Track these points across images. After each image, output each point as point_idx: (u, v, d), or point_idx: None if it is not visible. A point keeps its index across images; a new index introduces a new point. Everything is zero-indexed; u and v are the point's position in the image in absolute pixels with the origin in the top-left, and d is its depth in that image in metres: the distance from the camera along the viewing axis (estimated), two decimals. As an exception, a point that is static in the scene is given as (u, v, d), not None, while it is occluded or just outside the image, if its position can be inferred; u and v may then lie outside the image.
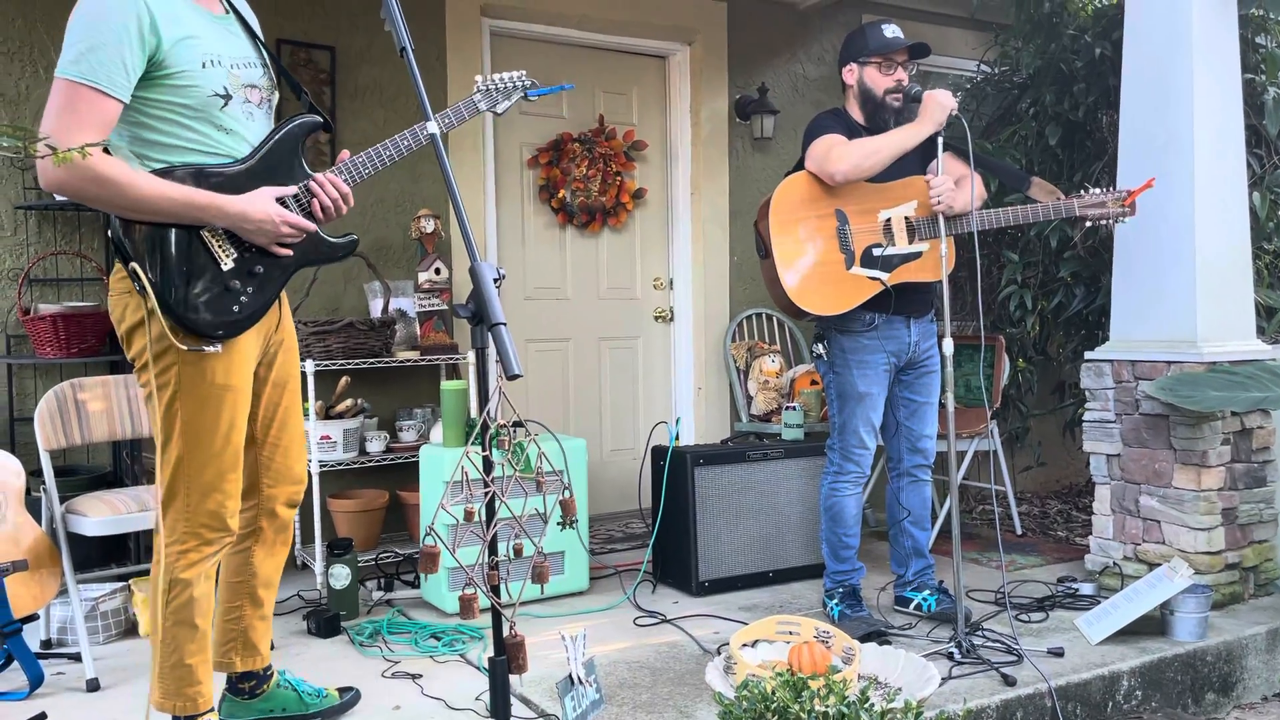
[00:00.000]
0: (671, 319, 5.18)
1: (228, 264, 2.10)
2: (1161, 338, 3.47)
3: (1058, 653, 2.94)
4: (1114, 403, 3.59)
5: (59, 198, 3.50)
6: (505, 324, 1.54)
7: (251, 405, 2.26)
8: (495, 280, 1.59)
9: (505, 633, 1.57)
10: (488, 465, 1.58)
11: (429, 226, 4.14)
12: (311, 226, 2.16)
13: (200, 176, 2.06)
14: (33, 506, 3.00)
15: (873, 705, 1.60)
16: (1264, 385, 3.14)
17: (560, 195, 4.83)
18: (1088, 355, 3.68)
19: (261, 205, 2.08)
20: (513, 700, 2.49)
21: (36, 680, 2.78)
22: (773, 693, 1.61)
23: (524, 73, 2.40)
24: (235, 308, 2.10)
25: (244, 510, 2.34)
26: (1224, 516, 3.39)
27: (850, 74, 3.22)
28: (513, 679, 2.50)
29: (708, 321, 5.08)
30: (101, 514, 2.98)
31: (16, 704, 2.70)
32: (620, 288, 5.06)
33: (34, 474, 3.11)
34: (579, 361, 4.98)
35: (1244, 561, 3.46)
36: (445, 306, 4.16)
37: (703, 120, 5.05)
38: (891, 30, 3.15)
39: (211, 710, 2.25)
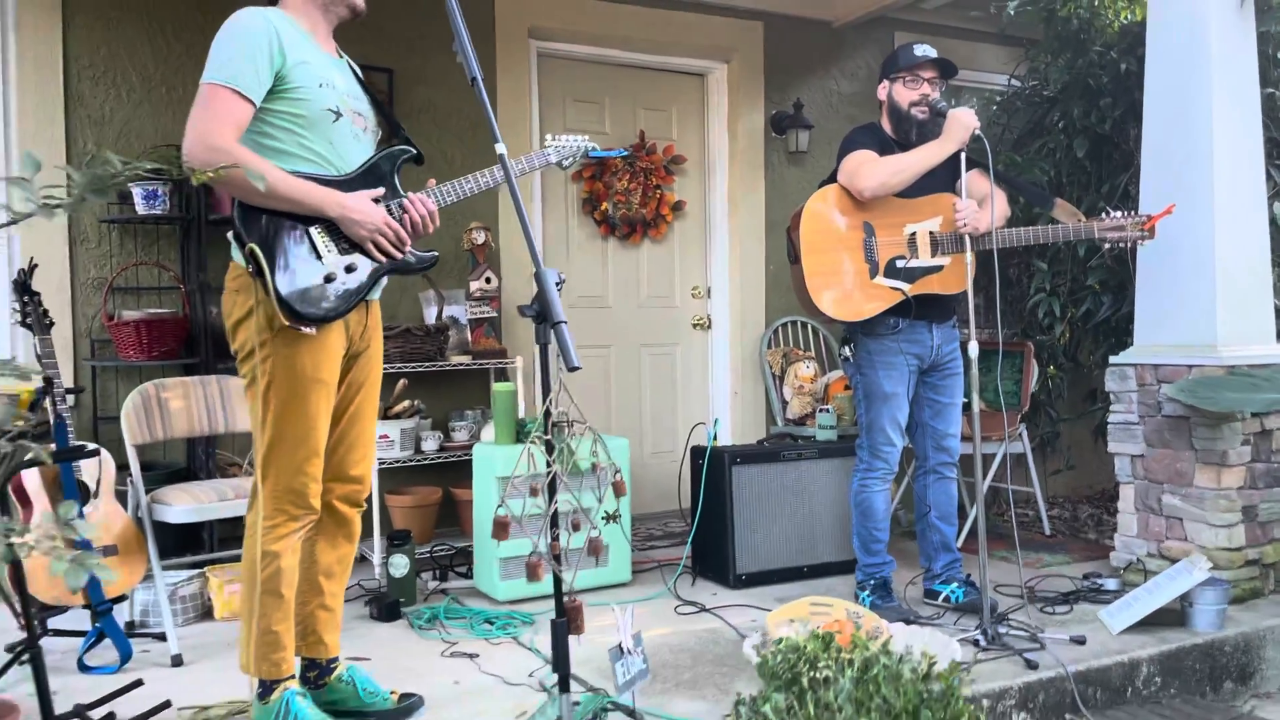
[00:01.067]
0: (709, 326, 5.37)
1: (328, 258, 2.35)
2: (1182, 343, 3.61)
3: (1079, 640, 3.08)
4: (1137, 405, 3.73)
5: (140, 212, 3.78)
6: (566, 322, 1.75)
7: (351, 408, 2.53)
8: (557, 284, 1.79)
9: (565, 598, 1.76)
10: (550, 448, 1.78)
11: (480, 238, 4.37)
12: (406, 236, 2.42)
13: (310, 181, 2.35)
14: (119, 498, 3.25)
15: (892, 652, 1.77)
16: (1278, 387, 3.27)
17: (603, 208, 5.05)
18: (1112, 360, 3.82)
19: (367, 202, 2.38)
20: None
21: (126, 655, 3.02)
22: (805, 645, 1.80)
23: (587, 137, 2.73)
24: (331, 298, 2.34)
25: None
26: (1244, 514, 3.52)
27: (883, 90, 3.42)
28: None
29: (744, 329, 5.27)
30: (185, 503, 3.23)
31: (108, 677, 2.94)
32: (660, 296, 5.27)
33: (120, 468, 3.36)
34: (620, 367, 5.18)
35: (1264, 558, 3.58)
36: (495, 314, 4.38)
37: (740, 135, 5.25)
38: (921, 49, 3.34)
39: (292, 677, 2.47)
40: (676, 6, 5.04)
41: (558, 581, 1.80)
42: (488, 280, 4.37)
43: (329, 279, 2.34)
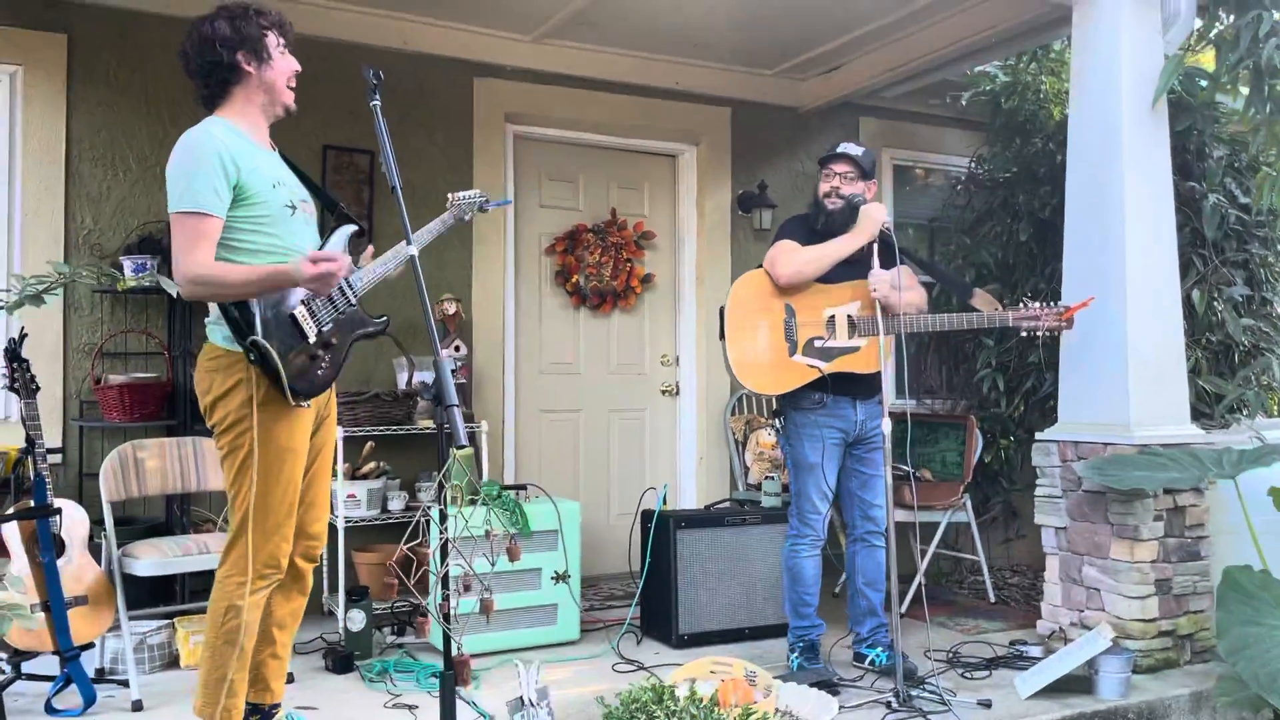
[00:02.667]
0: (677, 393, 5.61)
1: (312, 337, 2.60)
2: (1100, 421, 3.82)
3: (985, 704, 3.26)
4: (1060, 480, 3.92)
5: (129, 283, 4.06)
6: (457, 405, 1.99)
7: (312, 472, 2.78)
8: (453, 371, 2.04)
9: (454, 652, 1.98)
10: (442, 516, 2.01)
11: (451, 309, 4.64)
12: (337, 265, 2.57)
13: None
14: (94, 551, 3.50)
15: (715, 710, 1.96)
16: (1183, 467, 3.46)
17: (574, 279, 5.32)
18: (1038, 435, 4.03)
19: (303, 264, 2.55)
20: (488, 726, 2.90)
21: (90, 700, 3.23)
22: (640, 698, 2.00)
23: (479, 191, 3.00)
24: (319, 372, 2.62)
25: None
26: (1157, 587, 3.69)
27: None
28: (491, 711, 2.92)
29: (710, 396, 5.50)
30: (152, 557, 3.47)
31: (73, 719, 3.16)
32: (629, 364, 5.52)
33: (97, 522, 3.61)
34: (589, 431, 5.41)
35: (1178, 630, 3.74)
36: (464, 381, 4.64)
37: (707, 212, 5.53)
38: (843, 147, 3.63)
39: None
40: (648, 94, 5.35)
41: (447, 639, 2.01)
42: (457, 348, 4.63)
43: (314, 357, 2.61)
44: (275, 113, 2.73)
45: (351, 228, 2.84)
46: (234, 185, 2.54)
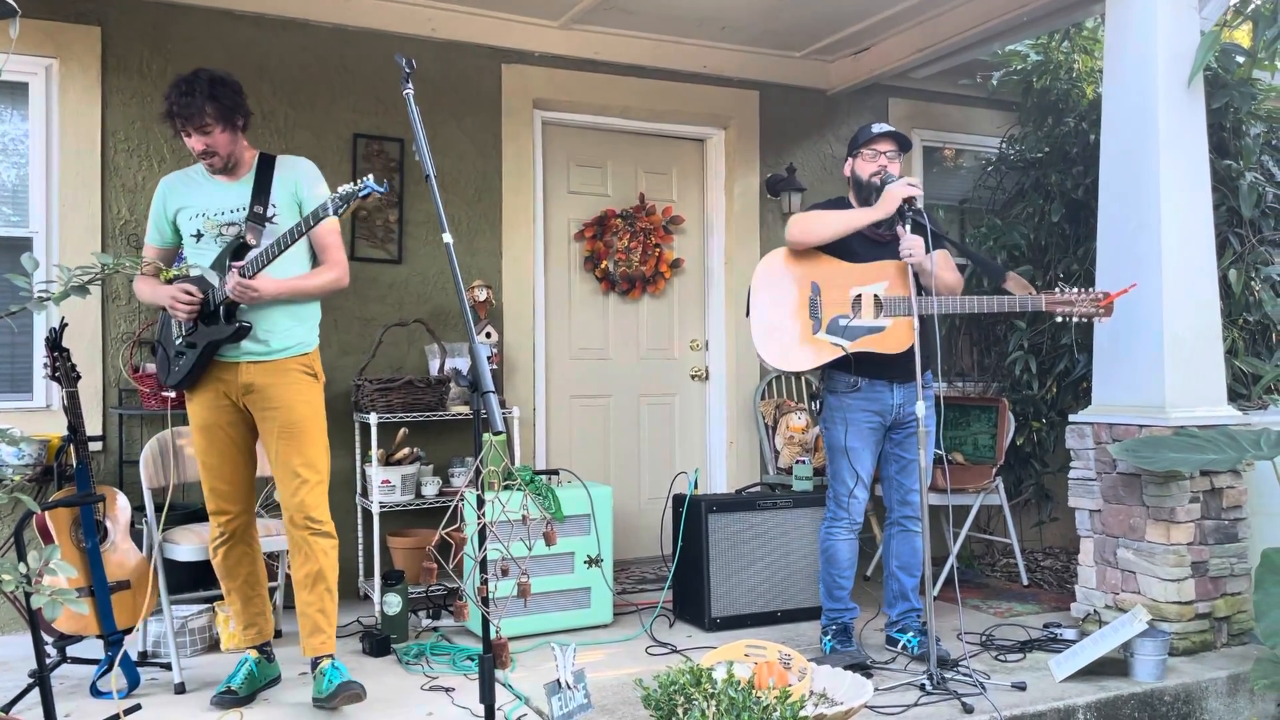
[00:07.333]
0: (706, 378, 5.61)
1: (178, 338, 3.20)
2: (1134, 403, 3.79)
3: (1020, 686, 3.25)
4: (1094, 462, 3.90)
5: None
6: (493, 391, 2.01)
7: (267, 448, 3.24)
8: (489, 358, 2.05)
9: (492, 635, 2.00)
10: (480, 501, 2.03)
11: (482, 295, 4.67)
12: (187, 297, 3.10)
13: (179, 280, 3.18)
14: (135, 537, 3.55)
15: (753, 692, 1.97)
16: (1219, 448, 3.43)
17: (604, 265, 5.33)
18: (1071, 418, 4.00)
19: (166, 288, 3.18)
20: (525, 710, 2.93)
21: (133, 682, 3.30)
22: (679, 680, 2.02)
23: (370, 178, 2.90)
24: (176, 367, 3.20)
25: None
26: (1194, 569, 3.66)
27: (848, 167, 3.68)
28: (527, 693, 2.95)
29: (739, 380, 5.50)
30: (191, 543, 3.52)
31: (117, 701, 3.22)
32: (659, 349, 5.53)
33: (137, 509, 3.67)
34: (620, 416, 5.43)
35: (1215, 612, 3.71)
36: (495, 367, 4.66)
37: (736, 196, 5.52)
38: (878, 126, 3.60)
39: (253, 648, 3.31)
40: (675, 78, 5.34)
41: (485, 622, 2.04)
42: (489, 335, 4.65)
43: (179, 354, 3.20)
44: (206, 170, 3.23)
45: (233, 245, 3.15)
46: (171, 221, 3.25)
